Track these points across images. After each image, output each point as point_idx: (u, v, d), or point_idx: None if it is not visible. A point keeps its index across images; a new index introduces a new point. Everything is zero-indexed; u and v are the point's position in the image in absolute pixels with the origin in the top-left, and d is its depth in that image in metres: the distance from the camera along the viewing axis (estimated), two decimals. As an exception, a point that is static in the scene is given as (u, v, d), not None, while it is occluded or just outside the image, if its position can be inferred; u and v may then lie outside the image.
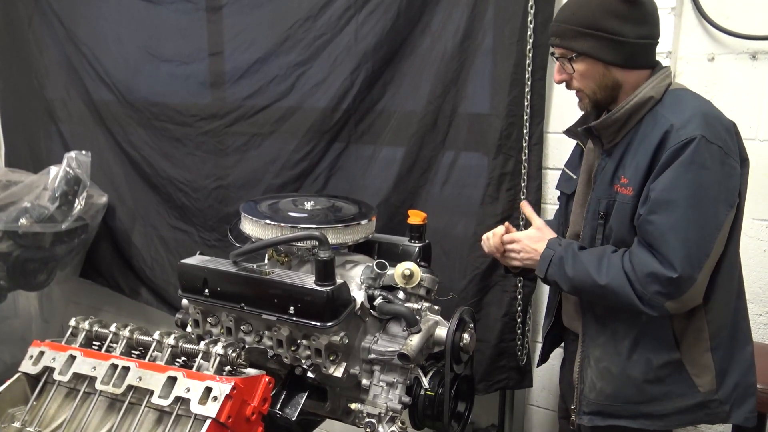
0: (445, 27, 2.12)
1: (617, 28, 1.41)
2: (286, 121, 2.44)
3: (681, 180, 1.35)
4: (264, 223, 1.72)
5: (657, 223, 1.37)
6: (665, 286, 1.36)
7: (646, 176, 1.40)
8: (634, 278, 1.39)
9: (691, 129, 1.35)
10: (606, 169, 1.50)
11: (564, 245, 1.53)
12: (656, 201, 1.37)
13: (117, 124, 2.81)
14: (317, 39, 2.31)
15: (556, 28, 1.49)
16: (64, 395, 1.45)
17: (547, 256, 1.54)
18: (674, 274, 1.34)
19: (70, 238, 2.75)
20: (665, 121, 1.39)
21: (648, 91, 1.45)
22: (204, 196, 2.64)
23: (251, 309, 1.62)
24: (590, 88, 1.49)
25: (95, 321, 1.54)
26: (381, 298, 1.65)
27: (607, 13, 1.41)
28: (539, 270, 1.56)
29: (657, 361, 1.48)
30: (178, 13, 2.59)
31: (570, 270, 1.48)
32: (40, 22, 2.95)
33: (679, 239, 1.35)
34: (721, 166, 1.36)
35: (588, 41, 1.43)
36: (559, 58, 1.50)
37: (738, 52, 1.83)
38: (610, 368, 1.53)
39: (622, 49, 1.43)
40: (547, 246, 1.56)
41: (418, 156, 2.24)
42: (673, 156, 1.36)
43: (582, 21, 1.43)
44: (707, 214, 1.36)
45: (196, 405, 1.28)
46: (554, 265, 1.52)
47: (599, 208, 1.50)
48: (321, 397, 1.74)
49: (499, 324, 2.19)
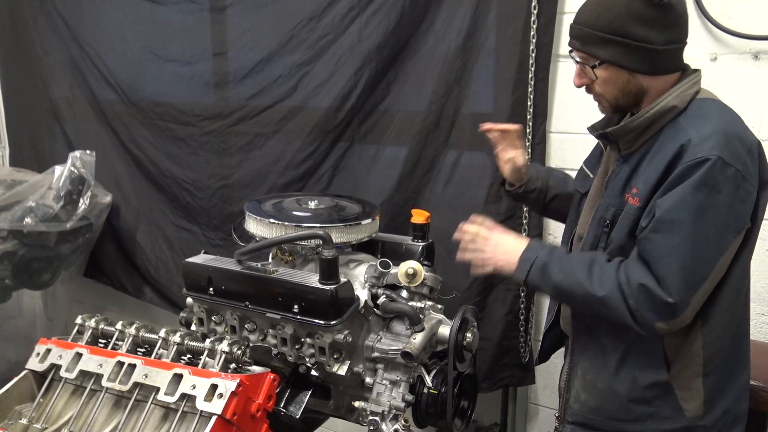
0: (449, 27, 2.13)
1: (644, 34, 1.31)
2: (290, 121, 2.45)
3: (689, 201, 1.27)
4: (268, 222, 1.73)
5: (657, 243, 1.30)
6: (658, 307, 1.30)
7: (654, 189, 1.33)
8: (628, 292, 1.32)
9: (708, 147, 1.27)
10: (620, 176, 1.43)
11: (548, 249, 1.48)
12: (660, 220, 1.30)
13: (121, 123, 2.82)
14: (321, 39, 2.32)
15: (578, 32, 1.39)
16: (71, 392, 1.46)
17: (527, 259, 1.46)
18: (669, 298, 1.28)
19: (75, 237, 2.77)
20: (684, 135, 1.31)
21: (671, 100, 1.36)
22: (208, 195, 2.65)
23: (255, 307, 1.63)
24: (612, 94, 1.41)
25: (101, 319, 1.55)
26: (384, 296, 1.66)
27: (633, 18, 1.31)
28: (518, 273, 1.47)
29: (644, 381, 1.42)
30: (183, 14, 2.60)
31: (556, 275, 1.41)
32: (45, 22, 2.96)
33: (678, 263, 1.28)
34: (735, 190, 1.28)
35: (612, 48, 1.34)
36: (578, 62, 1.42)
37: (740, 52, 1.84)
38: (596, 382, 1.49)
39: (648, 56, 1.34)
40: (526, 248, 1.48)
41: (421, 155, 2.25)
42: (684, 173, 1.28)
43: (606, 26, 1.33)
44: (710, 238, 1.29)
45: (202, 402, 1.29)
46: (536, 269, 1.44)
47: (606, 215, 1.44)
48: (325, 395, 1.75)
49: (502, 322, 2.20)
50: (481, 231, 1.57)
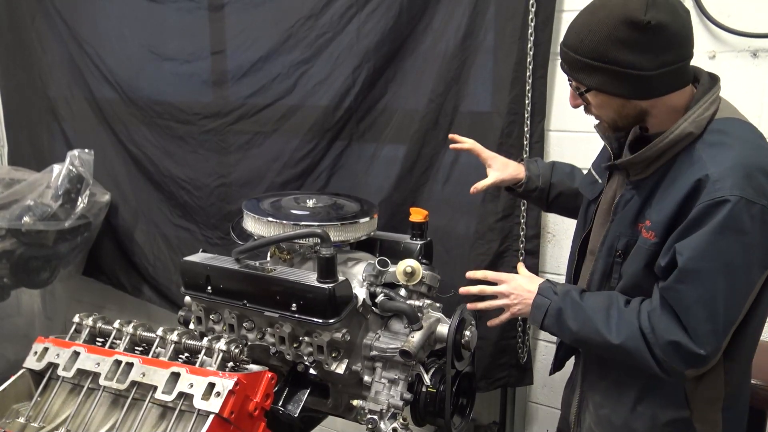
0: (447, 25, 2.12)
1: (631, 59, 1.20)
2: (289, 120, 2.45)
3: (713, 247, 1.18)
4: (266, 220, 1.73)
5: (684, 294, 1.22)
6: (688, 359, 1.24)
7: (670, 224, 1.25)
8: (654, 342, 1.25)
9: (729, 186, 1.17)
10: (631, 204, 1.35)
11: (561, 293, 1.39)
12: (684, 270, 1.21)
13: (120, 122, 2.82)
14: (319, 37, 2.32)
15: (565, 56, 1.31)
16: (68, 391, 1.46)
17: (541, 305, 1.39)
18: (701, 350, 1.21)
19: (73, 236, 2.77)
20: (701, 167, 1.21)
21: (687, 126, 1.25)
22: (206, 194, 2.65)
23: (254, 306, 1.63)
24: (609, 117, 1.33)
25: (99, 317, 1.55)
26: (383, 295, 1.66)
27: (618, 43, 1.20)
28: (532, 320, 1.41)
29: (664, 418, 1.36)
30: (181, 12, 2.60)
31: (572, 323, 1.35)
32: (44, 20, 2.96)
33: (707, 313, 1.21)
34: (763, 227, 1.19)
35: (598, 76, 1.25)
36: (571, 85, 1.35)
37: (739, 50, 1.84)
38: (611, 418, 1.43)
39: (639, 83, 1.23)
40: (539, 293, 1.40)
41: (419, 154, 2.24)
42: (704, 214, 1.19)
43: (591, 52, 1.23)
44: (739, 282, 1.22)
45: (200, 400, 1.29)
46: (551, 316, 1.38)
47: (617, 245, 1.36)
48: (323, 394, 1.75)
49: (500, 322, 2.20)
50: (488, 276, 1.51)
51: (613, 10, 1.21)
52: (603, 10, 1.23)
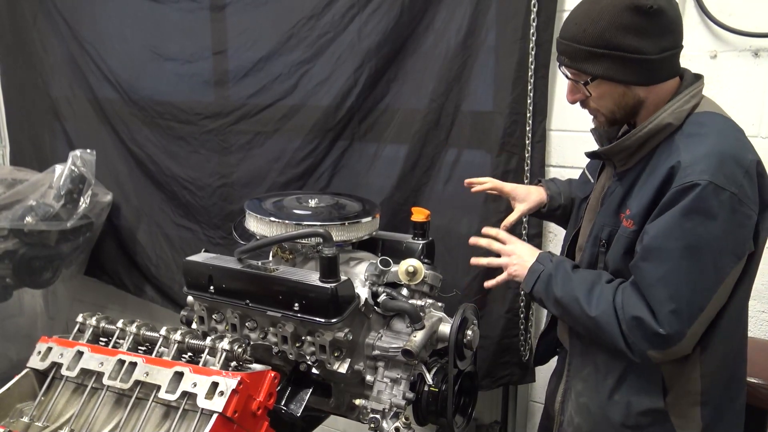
0: (448, 25, 2.13)
1: (636, 44, 1.24)
2: (290, 120, 2.45)
3: (677, 228, 1.21)
4: (269, 220, 1.74)
5: (646, 271, 1.26)
6: (649, 337, 1.26)
7: (648, 212, 1.29)
8: (622, 317, 1.28)
9: (698, 171, 1.20)
10: (615, 194, 1.39)
11: (555, 262, 1.44)
12: (647, 247, 1.25)
13: (121, 122, 2.83)
14: (321, 37, 2.32)
15: (565, 48, 1.32)
16: (72, 391, 1.46)
17: (535, 270, 1.44)
18: (660, 329, 1.23)
19: (75, 236, 2.77)
20: (675, 156, 1.25)
21: (666, 117, 1.29)
22: (208, 194, 2.66)
23: (256, 306, 1.63)
24: (608, 108, 1.35)
25: (102, 317, 1.55)
26: (385, 294, 1.66)
27: (623, 29, 1.23)
28: (525, 284, 1.46)
29: (638, 407, 1.37)
30: (182, 12, 2.60)
31: (558, 290, 1.39)
32: (45, 20, 2.97)
33: (668, 292, 1.23)
34: (732, 215, 1.20)
35: (604, 63, 1.26)
36: (570, 78, 1.36)
37: (740, 49, 1.84)
38: (589, 405, 1.45)
39: (643, 67, 1.26)
40: (537, 260, 1.46)
41: (421, 154, 2.25)
42: (674, 199, 1.22)
43: (595, 40, 1.25)
44: (705, 268, 1.23)
45: (203, 400, 1.29)
46: (541, 281, 1.42)
47: (601, 234, 1.40)
48: (325, 393, 1.75)
49: (502, 320, 2.20)
50: (500, 235, 1.57)
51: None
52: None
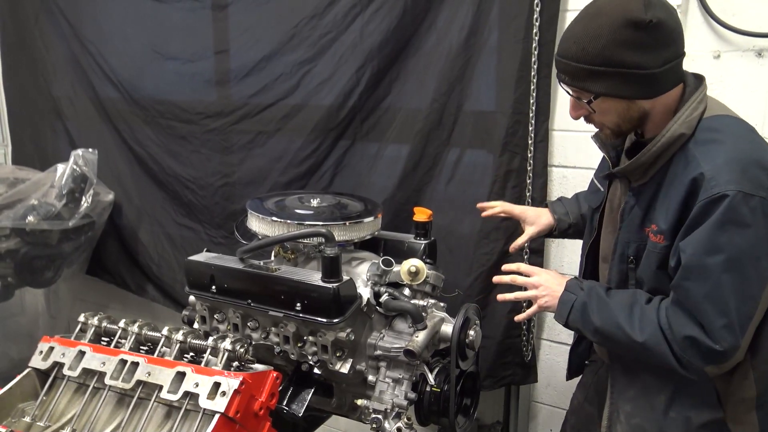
0: (451, 24, 2.12)
1: (637, 59, 1.22)
2: (292, 119, 2.45)
3: (714, 243, 1.20)
4: (271, 220, 1.73)
5: (692, 291, 1.24)
6: (705, 354, 1.24)
7: (676, 226, 1.27)
8: (672, 338, 1.27)
9: (724, 182, 1.19)
10: (635, 210, 1.37)
11: (587, 289, 1.40)
12: (688, 267, 1.23)
13: (123, 121, 2.83)
14: (323, 37, 2.32)
15: (565, 67, 1.30)
16: (74, 390, 1.46)
17: (567, 301, 1.40)
18: (717, 346, 1.22)
19: (77, 235, 2.77)
20: (695, 166, 1.23)
21: (678, 128, 1.28)
22: (210, 193, 2.66)
23: (258, 305, 1.63)
24: (613, 122, 1.34)
25: (104, 317, 1.55)
26: (387, 294, 1.66)
27: (623, 45, 1.22)
28: (559, 316, 1.43)
29: (698, 420, 1.36)
30: (184, 11, 2.60)
31: (596, 318, 1.35)
32: (47, 20, 2.97)
33: (717, 308, 1.21)
34: (764, 219, 1.20)
35: (605, 80, 1.25)
36: (572, 95, 1.35)
37: (744, 49, 1.83)
38: (644, 426, 1.42)
39: (647, 81, 1.25)
40: (566, 289, 1.42)
41: (423, 153, 2.24)
42: (704, 212, 1.21)
43: (596, 58, 1.24)
44: (748, 276, 1.22)
45: (205, 400, 1.29)
46: (576, 311, 1.39)
47: (628, 251, 1.38)
48: (327, 393, 1.75)
49: (504, 321, 2.20)
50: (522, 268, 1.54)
51: (612, 14, 1.23)
52: (601, 15, 1.24)
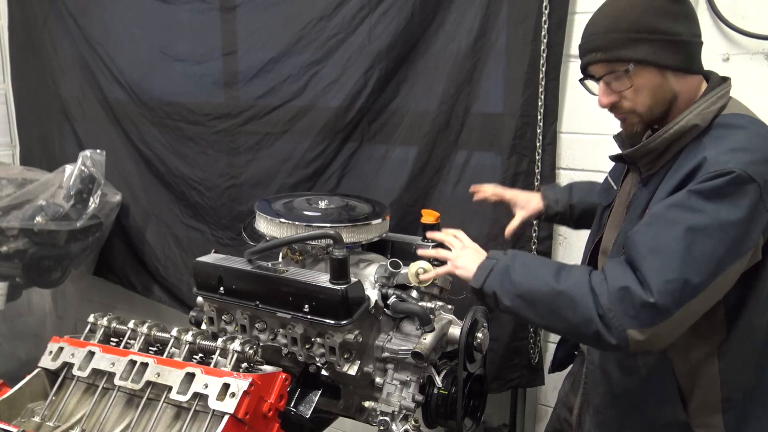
0: (459, 27, 2.12)
1: (673, 27, 1.26)
2: (299, 121, 2.45)
3: (690, 203, 1.17)
4: (279, 221, 1.73)
5: (647, 236, 1.20)
6: (636, 308, 1.17)
7: None
8: (601, 291, 1.20)
9: (724, 161, 1.17)
10: (640, 200, 1.34)
11: (511, 254, 1.37)
12: (656, 214, 1.21)
13: (131, 122, 2.83)
14: (331, 39, 2.32)
15: (598, 41, 1.29)
16: (83, 391, 1.47)
17: (486, 266, 1.36)
18: (650, 297, 1.15)
19: (85, 236, 2.78)
20: (701, 152, 1.22)
21: (692, 118, 1.27)
22: (217, 194, 2.66)
23: (266, 307, 1.63)
24: (646, 104, 1.30)
25: (113, 317, 1.56)
26: (395, 296, 1.66)
27: (658, 13, 1.26)
28: (475, 281, 1.37)
29: (659, 421, 1.35)
30: (192, 13, 2.61)
31: (519, 276, 1.29)
32: (55, 21, 2.98)
33: (661, 263, 1.16)
34: (754, 207, 1.18)
35: (644, 47, 1.25)
36: (603, 78, 1.31)
37: (753, 52, 1.83)
38: (608, 422, 1.43)
39: (680, 50, 1.27)
40: (488, 256, 1.39)
41: (430, 155, 2.24)
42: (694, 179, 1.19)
43: (632, 26, 1.26)
44: (707, 250, 1.16)
45: (214, 401, 1.29)
46: (495, 274, 1.33)
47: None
48: (334, 395, 1.75)
49: (511, 323, 2.20)
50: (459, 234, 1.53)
51: None
52: None
